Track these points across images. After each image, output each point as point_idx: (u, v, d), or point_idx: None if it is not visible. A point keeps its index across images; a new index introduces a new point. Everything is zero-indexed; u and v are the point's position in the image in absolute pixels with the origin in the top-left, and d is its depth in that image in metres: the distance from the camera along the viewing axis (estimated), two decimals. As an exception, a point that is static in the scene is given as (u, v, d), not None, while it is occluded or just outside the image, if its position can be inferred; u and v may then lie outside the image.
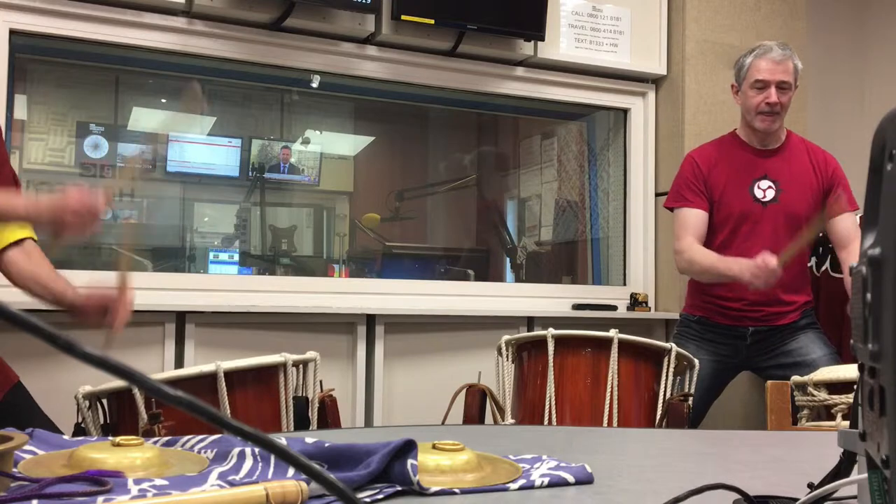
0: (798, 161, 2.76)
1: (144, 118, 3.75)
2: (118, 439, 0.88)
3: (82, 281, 2.03)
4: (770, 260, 2.44)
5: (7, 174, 1.93)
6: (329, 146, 4.17)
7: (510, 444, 1.20)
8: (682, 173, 2.86)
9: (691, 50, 3.48)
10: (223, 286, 2.99)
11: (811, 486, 0.70)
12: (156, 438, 1.05)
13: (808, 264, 2.95)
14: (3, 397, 1.87)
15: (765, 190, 2.72)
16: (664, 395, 2.15)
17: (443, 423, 2.06)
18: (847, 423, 1.84)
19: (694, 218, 2.75)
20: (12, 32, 2.70)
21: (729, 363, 2.77)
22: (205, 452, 0.94)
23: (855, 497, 0.64)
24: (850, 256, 2.68)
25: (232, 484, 0.79)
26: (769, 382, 1.98)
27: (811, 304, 2.82)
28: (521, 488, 0.85)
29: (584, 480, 0.89)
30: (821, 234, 3.20)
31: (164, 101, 3.81)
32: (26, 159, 3.38)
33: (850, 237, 2.70)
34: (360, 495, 0.77)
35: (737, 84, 2.80)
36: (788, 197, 2.71)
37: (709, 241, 2.75)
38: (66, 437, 1.04)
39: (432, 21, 3.05)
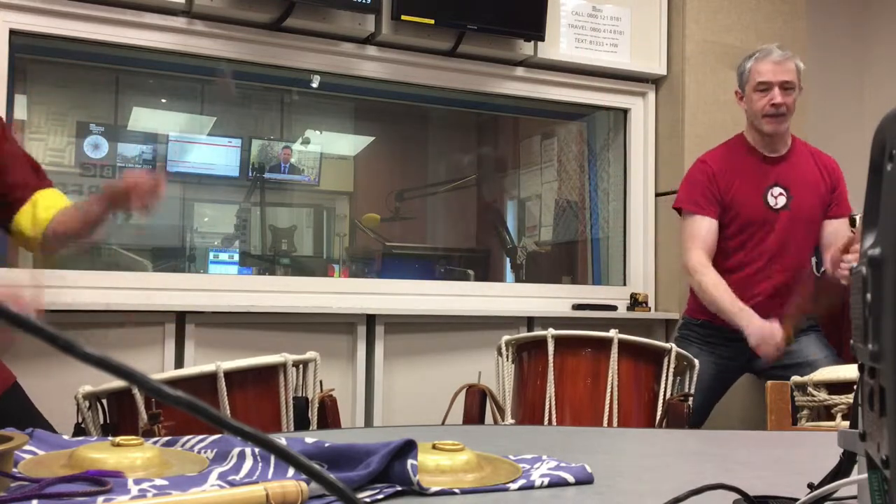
0: (805, 166, 2.78)
1: (144, 118, 3.75)
2: (118, 439, 0.88)
3: (81, 282, 2.03)
4: (777, 333, 2.55)
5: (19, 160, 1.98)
6: (329, 146, 4.17)
7: (510, 444, 1.20)
8: (694, 176, 2.82)
9: (691, 50, 3.48)
10: (223, 286, 2.99)
11: (811, 486, 0.70)
12: (156, 438, 1.05)
13: (813, 272, 2.94)
14: (0, 398, 1.87)
15: (776, 197, 2.73)
16: (664, 395, 2.15)
17: (443, 423, 2.06)
18: (847, 423, 1.84)
19: (706, 229, 2.73)
20: (12, 32, 2.70)
21: (730, 365, 2.78)
22: (205, 452, 0.94)
23: (855, 497, 0.64)
24: (828, 258, 2.66)
25: (232, 484, 0.79)
26: (769, 382, 1.98)
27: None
28: (521, 488, 0.85)
29: (584, 480, 0.89)
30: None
31: (164, 101, 3.81)
32: (26, 159, 3.38)
33: (836, 240, 2.69)
34: (360, 495, 0.77)
35: (740, 90, 2.80)
36: (798, 203, 2.74)
37: (722, 247, 2.75)
38: (66, 437, 1.04)
39: (432, 21, 3.05)
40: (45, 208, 1.96)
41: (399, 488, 0.80)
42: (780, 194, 2.73)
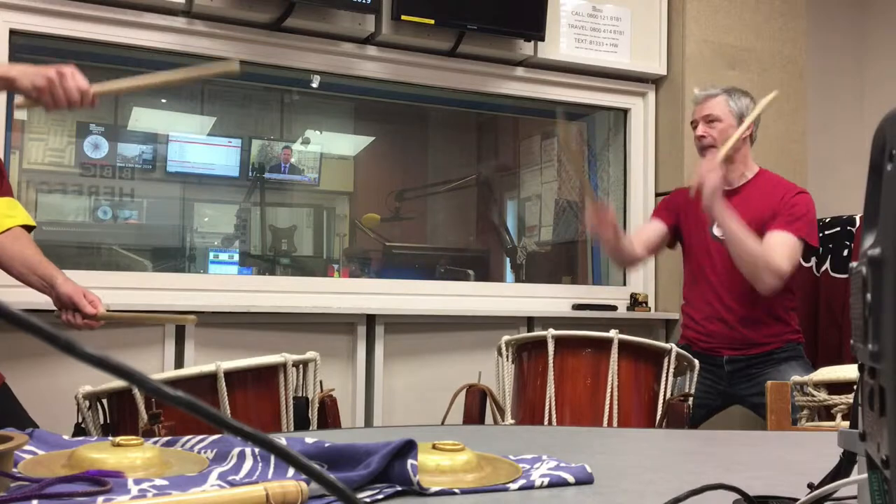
0: (758, 199, 2.71)
1: (144, 118, 3.75)
2: (118, 439, 0.88)
3: (81, 282, 2.03)
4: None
5: None
6: (329, 146, 4.16)
7: (510, 444, 1.20)
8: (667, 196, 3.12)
9: (691, 50, 3.48)
10: (223, 286, 2.99)
11: (811, 486, 0.70)
12: (156, 438, 1.05)
13: (790, 305, 2.79)
14: None
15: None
16: (664, 395, 2.15)
17: (443, 423, 2.06)
18: (847, 423, 1.84)
19: (648, 226, 2.98)
20: (12, 32, 2.70)
21: (713, 390, 2.75)
22: (205, 452, 0.94)
23: (855, 497, 0.64)
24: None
25: (232, 484, 0.79)
26: (769, 383, 1.98)
27: (797, 340, 2.77)
28: (521, 488, 0.85)
29: (584, 480, 0.89)
30: (820, 235, 3.20)
31: (164, 101, 3.81)
32: (26, 159, 3.38)
33: (770, 246, 2.60)
34: (360, 495, 0.77)
35: None
36: None
37: (685, 274, 2.92)
38: (66, 437, 1.04)
39: (432, 21, 3.05)
40: (4, 216, 1.94)
41: (399, 488, 0.80)
42: None
